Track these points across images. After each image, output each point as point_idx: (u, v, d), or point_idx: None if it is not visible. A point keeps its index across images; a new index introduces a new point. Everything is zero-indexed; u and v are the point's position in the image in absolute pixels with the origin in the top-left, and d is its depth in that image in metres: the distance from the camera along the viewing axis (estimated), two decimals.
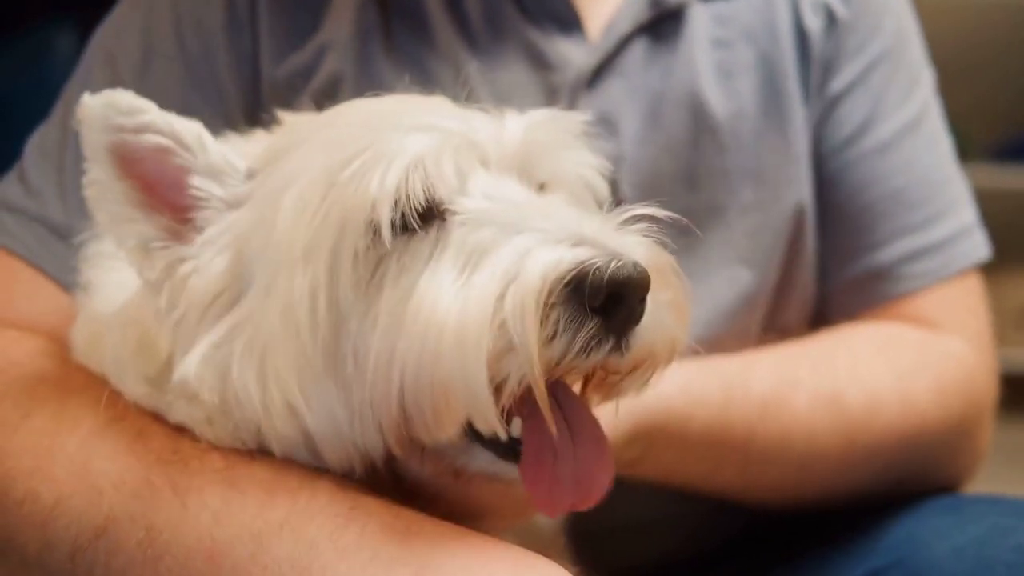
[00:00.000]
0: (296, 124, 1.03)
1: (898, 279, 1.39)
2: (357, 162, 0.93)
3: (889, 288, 1.39)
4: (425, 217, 0.93)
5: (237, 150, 1.01)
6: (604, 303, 0.88)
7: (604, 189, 1.06)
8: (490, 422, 0.89)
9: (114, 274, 1.10)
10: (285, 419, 0.94)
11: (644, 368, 0.96)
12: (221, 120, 1.22)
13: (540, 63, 1.33)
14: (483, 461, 0.96)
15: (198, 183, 0.99)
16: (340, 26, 1.30)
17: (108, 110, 0.97)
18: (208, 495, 0.97)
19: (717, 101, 1.36)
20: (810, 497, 1.33)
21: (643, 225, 0.95)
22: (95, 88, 0.98)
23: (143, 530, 0.97)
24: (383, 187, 0.92)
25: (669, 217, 0.95)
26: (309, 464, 0.98)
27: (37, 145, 1.29)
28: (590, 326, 0.88)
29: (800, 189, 1.38)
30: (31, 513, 1.00)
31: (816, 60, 1.39)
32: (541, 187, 1.01)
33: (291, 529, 0.94)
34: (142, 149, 0.98)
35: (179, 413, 1.01)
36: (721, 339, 1.33)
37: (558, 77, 1.33)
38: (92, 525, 0.98)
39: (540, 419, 0.92)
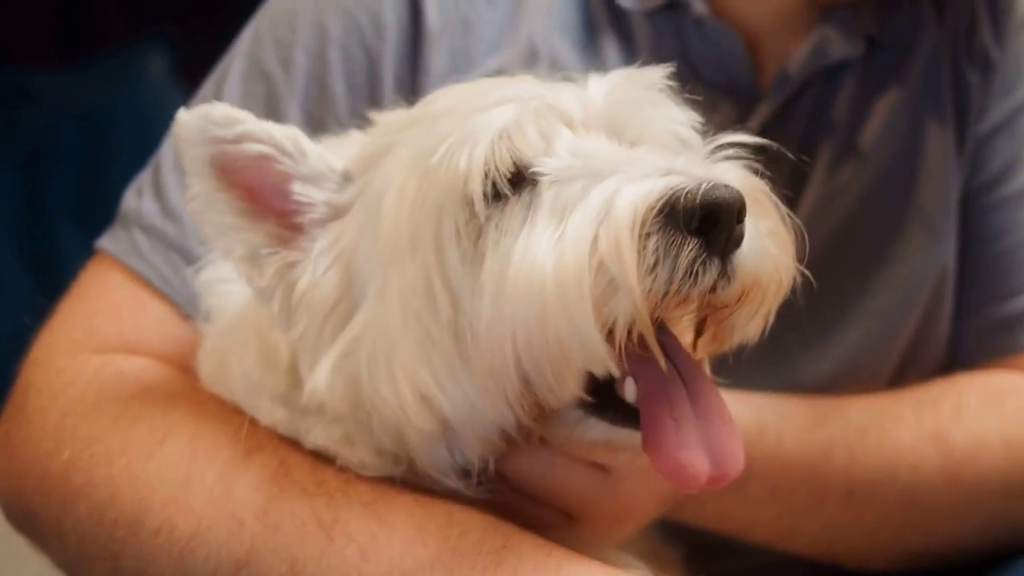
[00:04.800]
0: (388, 124, 1.03)
1: None
2: (444, 145, 0.93)
3: (1017, 339, 1.36)
4: (516, 183, 0.93)
5: (335, 152, 1.02)
6: (700, 225, 0.87)
7: (698, 142, 1.03)
8: (607, 366, 0.88)
9: (233, 298, 1.09)
10: (420, 412, 0.92)
11: (752, 299, 0.94)
12: None
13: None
14: (599, 430, 0.94)
15: (300, 188, 0.99)
16: (514, 58, 1.28)
17: (205, 123, 0.98)
18: (354, 529, 0.95)
19: (873, 149, 1.34)
20: (914, 546, 1.29)
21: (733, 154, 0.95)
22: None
23: (286, 563, 0.95)
24: (472, 161, 0.92)
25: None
26: (450, 459, 0.97)
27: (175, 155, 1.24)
28: (690, 247, 0.87)
29: (946, 248, 1.36)
30: (167, 543, 0.99)
31: (973, 114, 1.37)
32: (633, 146, 1.00)
33: (443, 567, 0.92)
34: (243, 158, 0.98)
35: (318, 437, 1.00)
36: (844, 387, 1.31)
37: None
38: (233, 557, 0.97)
39: (656, 381, 0.91)
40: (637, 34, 1.31)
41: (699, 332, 0.98)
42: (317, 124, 1.20)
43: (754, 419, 1.18)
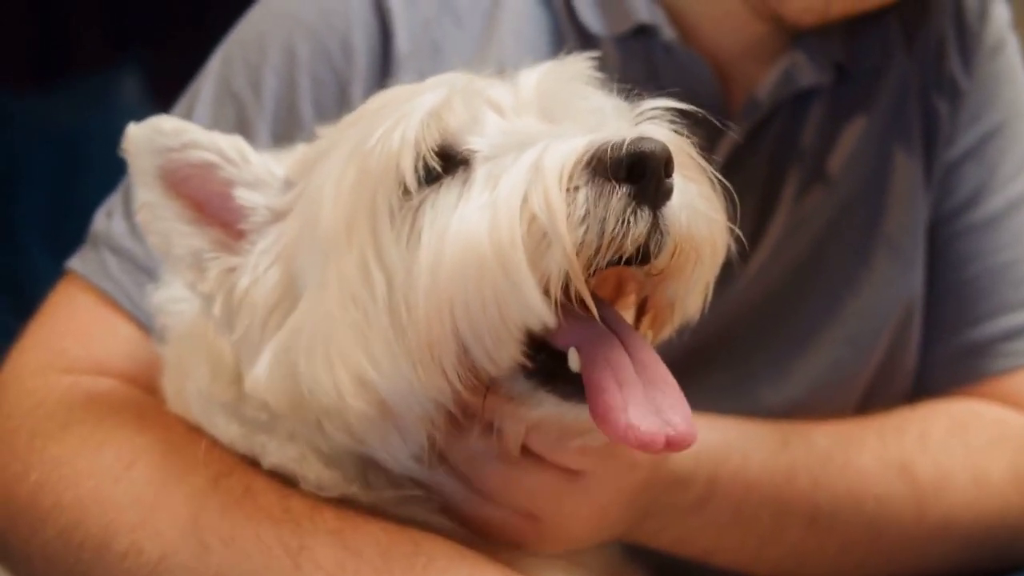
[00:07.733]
0: (327, 131, 1.04)
1: (995, 356, 1.36)
2: (378, 131, 0.94)
3: (985, 365, 1.36)
4: (449, 163, 0.94)
5: (277, 160, 1.04)
6: (628, 175, 0.88)
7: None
8: (544, 319, 0.87)
9: (184, 316, 1.09)
10: (357, 395, 0.92)
11: (688, 260, 0.94)
12: None
13: None
14: (548, 406, 0.93)
15: (242, 194, 1.01)
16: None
17: (153, 134, 1.00)
18: (321, 556, 0.95)
19: (841, 175, 1.35)
20: (878, 573, 1.28)
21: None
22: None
23: None
24: (404, 140, 0.93)
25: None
26: (403, 445, 0.97)
27: None
28: (619, 195, 0.88)
29: (914, 275, 1.37)
30: (134, 567, 0.99)
31: (941, 142, 1.38)
32: None
33: None
34: (188, 167, 1.00)
35: (273, 455, 1.01)
36: (809, 414, 1.30)
37: None
38: None
39: (598, 348, 0.91)
40: (607, 59, 1.31)
41: (640, 314, 0.99)
42: (286, 147, 1.21)
43: (720, 441, 1.18)
